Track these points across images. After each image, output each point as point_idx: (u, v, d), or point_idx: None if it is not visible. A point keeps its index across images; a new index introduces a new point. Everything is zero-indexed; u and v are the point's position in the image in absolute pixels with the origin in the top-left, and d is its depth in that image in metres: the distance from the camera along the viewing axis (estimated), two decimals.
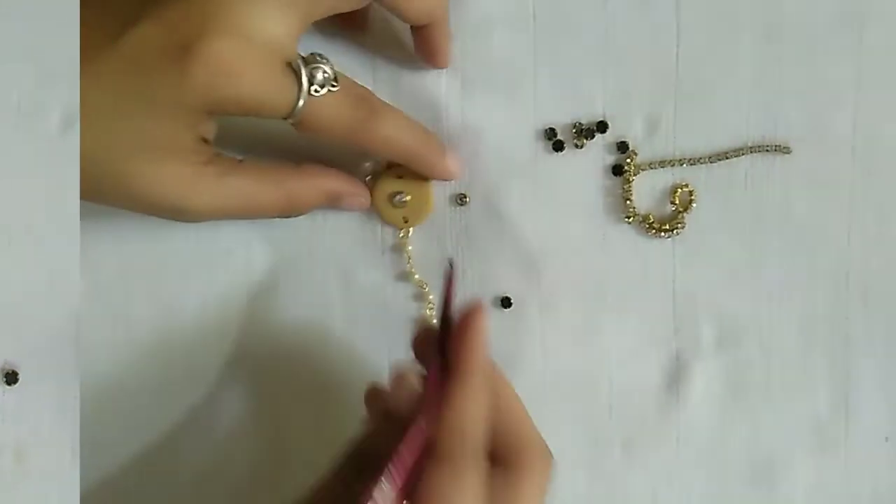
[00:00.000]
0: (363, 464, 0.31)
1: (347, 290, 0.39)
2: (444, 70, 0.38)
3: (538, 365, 0.39)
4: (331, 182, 0.36)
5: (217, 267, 0.39)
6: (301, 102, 0.32)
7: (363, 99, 0.34)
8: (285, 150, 0.37)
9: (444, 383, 0.29)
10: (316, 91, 0.32)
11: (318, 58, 0.32)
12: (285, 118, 0.32)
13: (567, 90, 0.38)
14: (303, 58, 0.32)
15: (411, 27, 0.37)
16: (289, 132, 0.37)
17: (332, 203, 0.36)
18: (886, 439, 0.39)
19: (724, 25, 0.37)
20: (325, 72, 0.32)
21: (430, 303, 0.38)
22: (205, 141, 0.33)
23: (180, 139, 0.32)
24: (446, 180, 0.37)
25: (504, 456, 0.29)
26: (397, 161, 0.36)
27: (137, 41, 0.31)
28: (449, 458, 0.28)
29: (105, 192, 0.32)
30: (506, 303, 0.38)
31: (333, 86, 0.32)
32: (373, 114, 0.34)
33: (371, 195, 0.38)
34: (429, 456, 0.28)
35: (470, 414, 0.28)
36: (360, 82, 0.35)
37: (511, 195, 0.38)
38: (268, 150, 0.37)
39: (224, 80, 0.30)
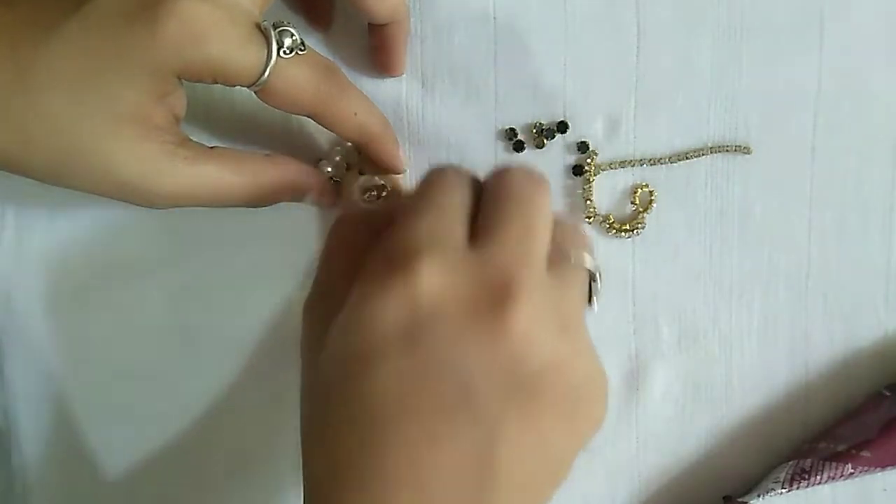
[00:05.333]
0: None
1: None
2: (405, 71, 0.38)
3: None
4: (300, 175, 0.36)
5: (178, 265, 0.39)
6: (271, 64, 0.31)
7: (330, 70, 0.34)
8: (252, 142, 0.38)
9: None
10: (285, 53, 0.32)
11: (285, 23, 0.32)
12: (252, 84, 0.32)
13: (527, 91, 0.38)
14: (271, 23, 0.32)
15: (370, 28, 0.37)
16: (256, 121, 0.37)
17: (298, 197, 0.36)
18: None
19: (684, 26, 0.37)
20: (293, 36, 0.32)
21: None
22: (175, 120, 0.33)
23: (151, 112, 0.31)
24: (396, 173, 0.37)
25: None
26: (356, 142, 0.36)
27: (106, 2, 0.30)
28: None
29: (74, 171, 0.31)
30: None
31: (302, 50, 0.32)
32: (340, 87, 0.34)
33: (342, 195, 0.38)
34: None
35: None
36: None
37: None
38: (235, 140, 0.38)
39: (194, 39, 0.30)
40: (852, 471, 0.37)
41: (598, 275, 0.31)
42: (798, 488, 0.37)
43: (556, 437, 0.28)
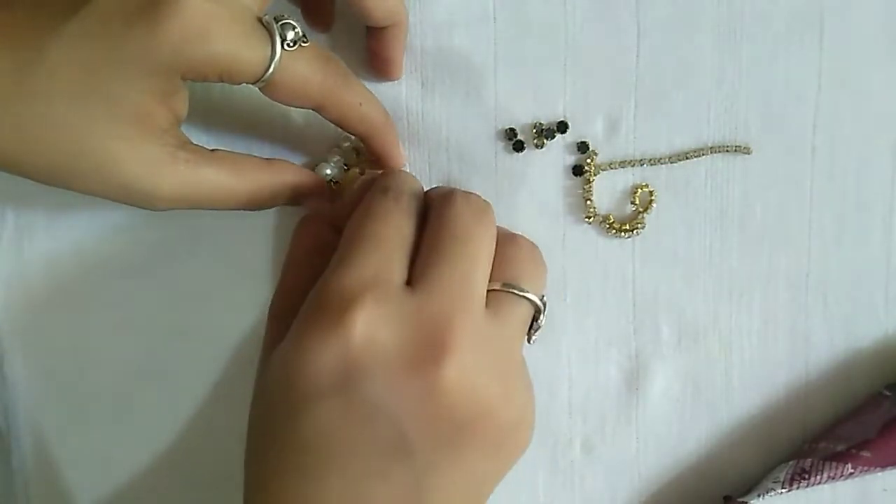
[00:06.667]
0: None
1: None
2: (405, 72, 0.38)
3: None
4: (298, 179, 0.36)
5: (177, 265, 0.39)
6: (276, 58, 0.31)
7: (333, 61, 0.34)
8: (251, 143, 0.38)
9: None
10: (288, 46, 0.32)
11: (286, 16, 0.32)
12: (258, 80, 0.32)
13: (527, 90, 0.38)
14: (272, 16, 0.32)
15: (368, 31, 0.36)
16: (255, 122, 0.38)
17: (296, 201, 0.36)
18: None
19: (684, 25, 0.37)
20: (295, 29, 0.32)
21: None
22: (176, 121, 0.33)
23: (152, 113, 0.31)
24: (396, 167, 0.37)
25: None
26: (360, 133, 0.36)
27: (106, 2, 0.30)
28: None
29: (75, 173, 0.31)
30: None
31: (305, 42, 0.32)
32: (344, 78, 0.34)
33: (341, 197, 0.38)
34: None
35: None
36: None
37: None
38: (234, 143, 0.38)
39: (196, 37, 0.30)
40: (852, 471, 0.37)
41: (542, 308, 0.32)
42: (798, 488, 0.37)
43: (483, 469, 0.30)
